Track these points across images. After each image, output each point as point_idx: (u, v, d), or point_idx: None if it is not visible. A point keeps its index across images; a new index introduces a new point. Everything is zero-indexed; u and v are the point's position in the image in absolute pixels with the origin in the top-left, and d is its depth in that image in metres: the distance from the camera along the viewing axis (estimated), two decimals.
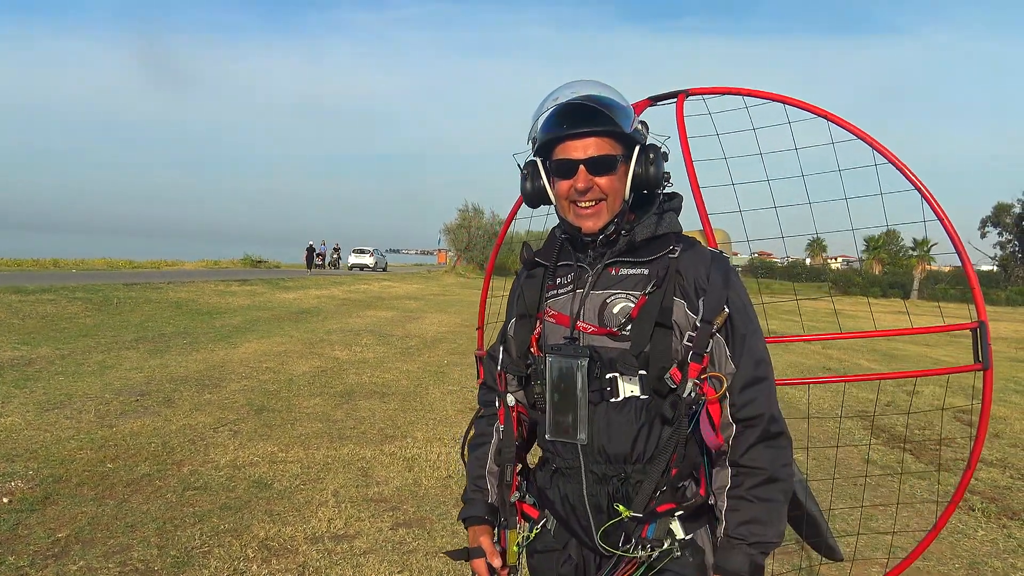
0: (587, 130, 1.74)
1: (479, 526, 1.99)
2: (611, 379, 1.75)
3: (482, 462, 2.05)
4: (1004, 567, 4.66)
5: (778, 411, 1.74)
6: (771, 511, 1.69)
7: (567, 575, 1.88)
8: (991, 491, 6.28)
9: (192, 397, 8.10)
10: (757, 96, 2.90)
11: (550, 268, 1.92)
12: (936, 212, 2.72)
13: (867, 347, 18.11)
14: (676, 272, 1.75)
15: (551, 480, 1.90)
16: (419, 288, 34.95)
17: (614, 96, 1.80)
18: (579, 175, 1.75)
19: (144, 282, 21.02)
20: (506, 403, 1.96)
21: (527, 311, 1.92)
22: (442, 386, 9.81)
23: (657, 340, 1.73)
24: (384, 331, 15.75)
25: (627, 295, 1.77)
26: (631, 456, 1.75)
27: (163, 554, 4.17)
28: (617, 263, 1.82)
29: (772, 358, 1.82)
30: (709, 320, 1.71)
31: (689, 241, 1.84)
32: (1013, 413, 10.14)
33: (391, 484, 5.60)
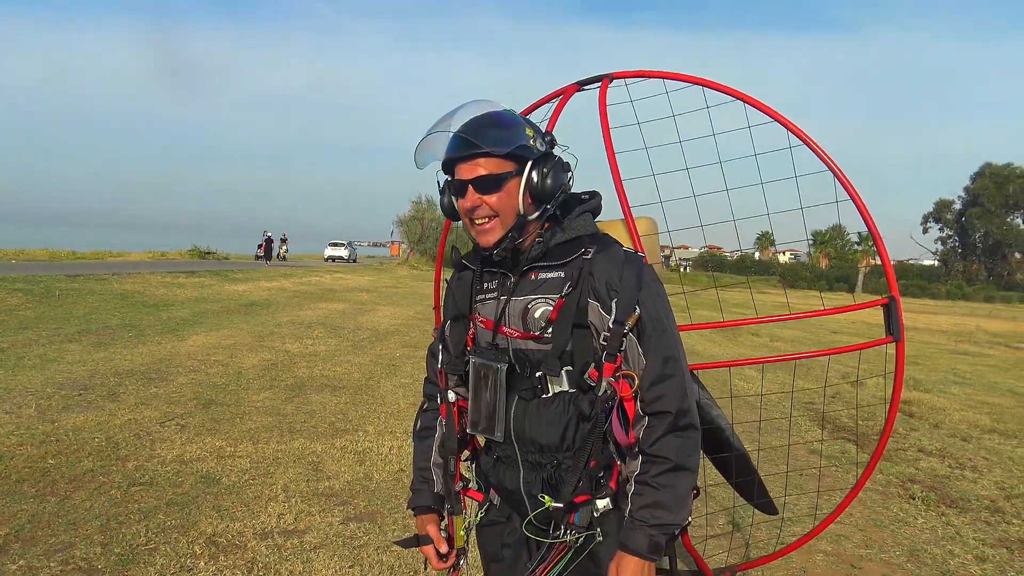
0: (470, 152, 1.83)
1: (426, 515, 2.14)
2: (540, 377, 1.90)
3: (427, 454, 2.17)
4: (943, 554, 4.81)
5: (688, 404, 1.82)
6: (674, 496, 1.79)
7: (511, 544, 2.06)
8: (931, 480, 6.48)
9: (138, 391, 7.93)
10: (677, 79, 2.92)
11: (477, 272, 2.03)
12: (848, 191, 2.76)
13: (813, 340, 18.51)
14: (589, 274, 1.85)
15: (493, 466, 2.06)
16: (371, 280, 34.69)
17: (505, 115, 1.89)
18: (468, 195, 1.85)
19: (88, 273, 20.49)
20: (447, 399, 2.09)
21: (459, 312, 2.04)
22: (394, 379, 9.76)
23: (578, 339, 1.85)
24: (336, 324, 15.61)
25: (546, 299, 1.88)
26: (561, 446, 1.89)
27: (107, 552, 4.08)
28: (535, 268, 1.91)
29: (719, 350, 1.87)
30: (621, 321, 1.81)
31: (605, 241, 1.93)
32: (952, 404, 10.45)
33: (342, 478, 5.56)
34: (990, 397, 11.56)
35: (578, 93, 3.16)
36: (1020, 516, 5.61)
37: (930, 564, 4.65)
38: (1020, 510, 5.76)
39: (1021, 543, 5.08)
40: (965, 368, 15.46)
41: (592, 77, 3.10)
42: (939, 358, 16.97)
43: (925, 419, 9.21)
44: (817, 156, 2.77)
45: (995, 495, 6.13)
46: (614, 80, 3.04)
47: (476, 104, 1.92)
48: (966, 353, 18.90)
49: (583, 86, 3.13)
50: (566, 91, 3.16)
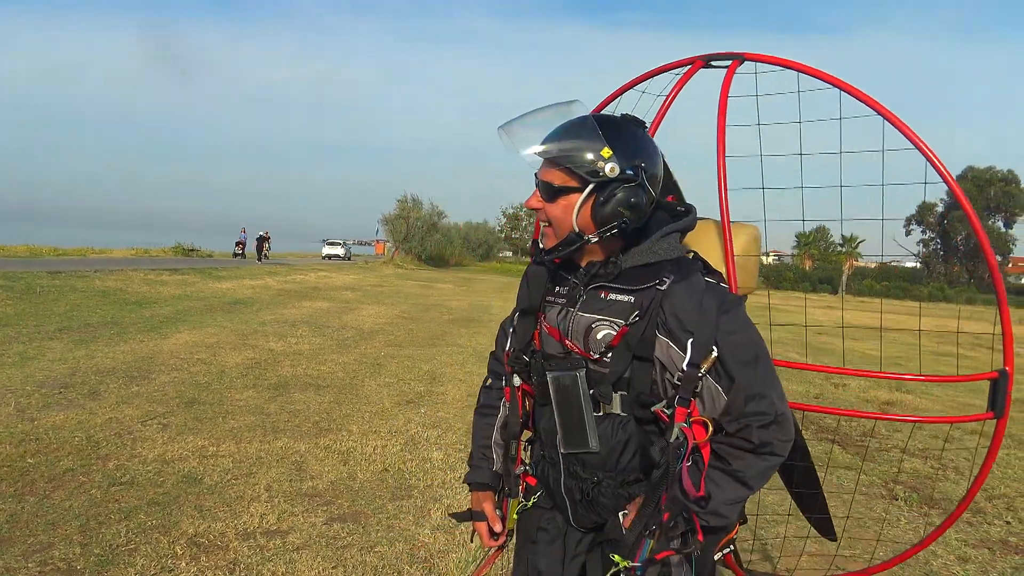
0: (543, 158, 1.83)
1: (483, 492, 2.17)
2: (594, 394, 1.85)
3: (488, 432, 2.19)
4: (926, 554, 4.83)
5: (774, 439, 1.72)
6: (715, 493, 1.73)
7: (548, 529, 2.05)
8: (913, 480, 6.51)
9: (119, 389, 7.85)
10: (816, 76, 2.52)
11: (551, 270, 2.00)
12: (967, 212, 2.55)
13: (796, 341, 18.56)
14: (659, 306, 1.76)
15: (539, 462, 2.08)
16: (356, 279, 34.57)
17: (580, 131, 1.79)
18: (533, 195, 1.87)
19: (69, 270, 20.31)
20: (512, 383, 2.05)
21: (529, 307, 2.01)
22: (378, 378, 9.72)
23: (637, 369, 1.79)
24: (320, 322, 15.53)
25: (611, 323, 1.82)
26: (605, 465, 1.88)
27: (86, 552, 4.03)
28: (605, 288, 1.86)
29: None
30: (696, 363, 1.72)
31: (686, 270, 1.82)
32: (935, 405, 10.55)
33: (325, 478, 5.52)
34: (972, 399, 11.64)
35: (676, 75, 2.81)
36: (1001, 516, 5.66)
37: (913, 564, 4.66)
38: (1002, 510, 5.80)
39: (1002, 544, 5.11)
40: (947, 369, 15.55)
41: (721, 53, 2.70)
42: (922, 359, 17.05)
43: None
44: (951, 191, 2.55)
45: (977, 496, 6.15)
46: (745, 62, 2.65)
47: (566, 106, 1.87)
48: (948, 355, 18.99)
49: (710, 62, 2.74)
50: (692, 64, 2.77)
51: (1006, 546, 5.08)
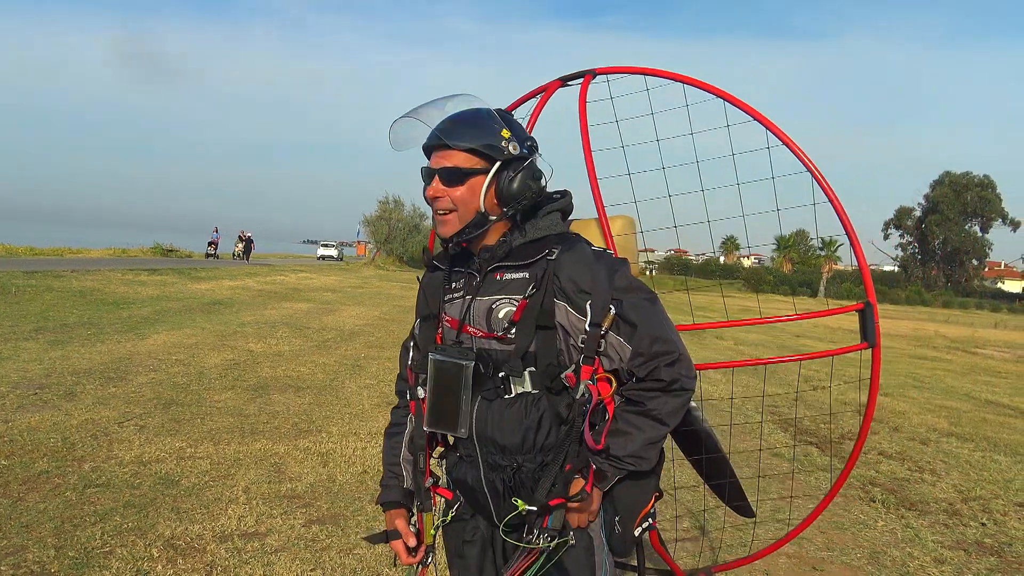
0: (441, 142, 1.86)
1: (395, 510, 2.13)
2: (503, 377, 1.89)
3: (396, 450, 2.17)
4: (902, 556, 4.87)
5: (682, 374, 1.83)
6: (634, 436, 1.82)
7: (473, 542, 2.07)
8: (891, 483, 6.56)
9: (95, 390, 7.77)
10: (659, 75, 2.92)
11: (445, 272, 2.05)
12: (827, 193, 2.77)
13: (776, 344, 18.72)
14: (554, 275, 1.85)
15: (457, 464, 2.07)
16: (337, 280, 34.44)
17: (483, 114, 1.92)
18: (433, 184, 1.88)
19: (45, 270, 20.07)
20: (416, 396, 2.07)
21: (429, 312, 2.05)
22: (359, 380, 9.68)
23: (541, 340, 1.85)
24: (300, 323, 15.45)
25: (510, 299, 1.89)
26: (521, 447, 1.90)
27: (60, 555, 3.98)
28: (500, 268, 1.92)
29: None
30: (598, 323, 1.81)
31: (571, 241, 1.93)
32: (911, 408, 10.63)
33: (305, 480, 5.48)
34: (948, 401, 11.77)
35: (562, 90, 3.14)
36: (977, 518, 5.71)
37: (890, 566, 4.70)
38: (977, 512, 5.86)
39: (978, 545, 5.16)
40: (924, 372, 15.72)
41: (575, 73, 3.09)
42: (899, 362, 17.24)
43: (885, 422, 9.35)
44: (797, 157, 2.77)
45: (953, 498, 6.23)
46: (597, 76, 3.03)
47: (462, 98, 1.95)
48: (925, 358, 19.22)
49: (566, 82, 3.12)
50: (549, 87, 3.14)
51: (981, 547, 5.13)
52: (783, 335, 21.03)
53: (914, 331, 30.05)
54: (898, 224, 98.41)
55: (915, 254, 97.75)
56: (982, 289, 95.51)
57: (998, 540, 5.29)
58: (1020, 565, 4.87)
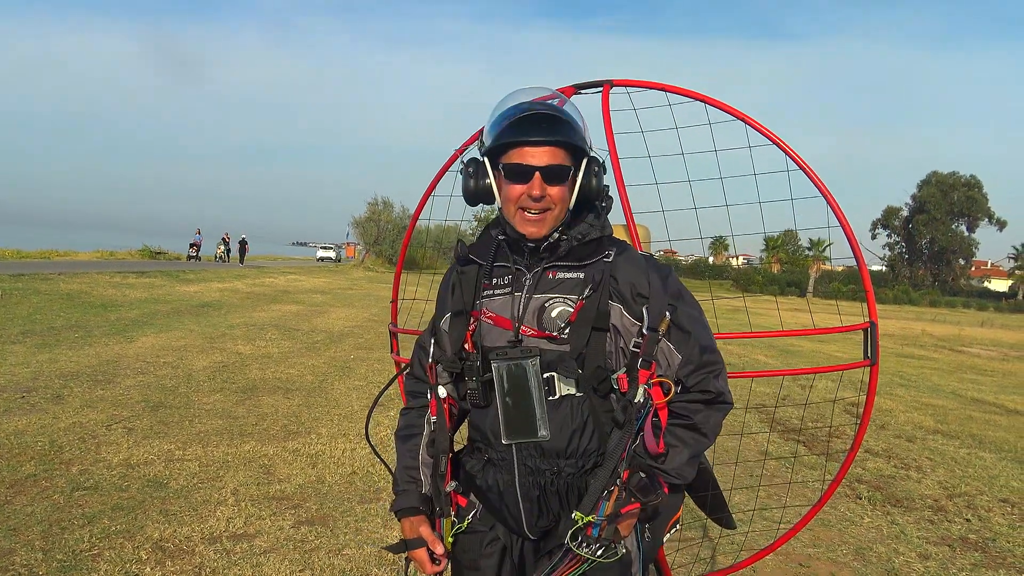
0: (548, 139, 1.79)
1: (415, 516, 2.01)
2: (548, 378, 1.82)
3: (414, 453, 2.06)
4: (888, 552, 4.91)
5: (725, 388, 1.86)
6: (681, 450, 1.82)
7: (490, 554, 1.96)
8: (876, 480, 6.61)
9: (83, 393, 7.74)
10: (680, 93, 2.94)
11: (485, 267, 1.95)
12: (839, 219, 2.88)
13: (764, 344, 18.78)
14: (611, 277, 1.83)
15: (482, 469, 1.96)
16: (326, 282, 34.36)
17: (571, 110, 1.88)
18: (534, 182, 1.80)
19: (33, 272, 19.97)
20: (438, 395, 1.99)
21: (463, 308, 1.95)
22: (348, 381, 9.68)
23: (593, 341, 1.81)
24: (289, 325, 15.42)
25: (564, 299, 1.84)
26: (565, 451, 1.84)
27: (48, 558, 3.97)
28: (554, 267, 1.88)
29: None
30: (655, 328, 1.79)
31: (621, 244, 1.94)
32: (898, 406, 10.70)
33: (293, 481, 5.49)
34: (934, 399, 11.86)
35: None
36: (962, 515, 5.76)
37: (876, 562, 4.74)
38: (962, 508, 5.91)
39: (963, 541, 5.21)
40: (911, 371, 15.82)
41: (591, 82, 3.10)
42: (886, 361, 17.34)
43: (872, 420, 9.40)
44: (813, 183, 2.85)
45: (938, 494, 6.28)
46: (615, 87, 3.05)
47: (544, 90, 1.91)
48: (912, 356, 19.35)
49: (580, 90, 3.13)
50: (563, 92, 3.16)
51: (966, 543, 5.18)
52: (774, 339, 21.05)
53: (901, 330, 30.21)
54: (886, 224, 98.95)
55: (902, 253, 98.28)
56: (969, 288, 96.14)
57: (982, 536, 5.34)
58: (1004, 560, 4.92)
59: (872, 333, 2.93)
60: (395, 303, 3.96)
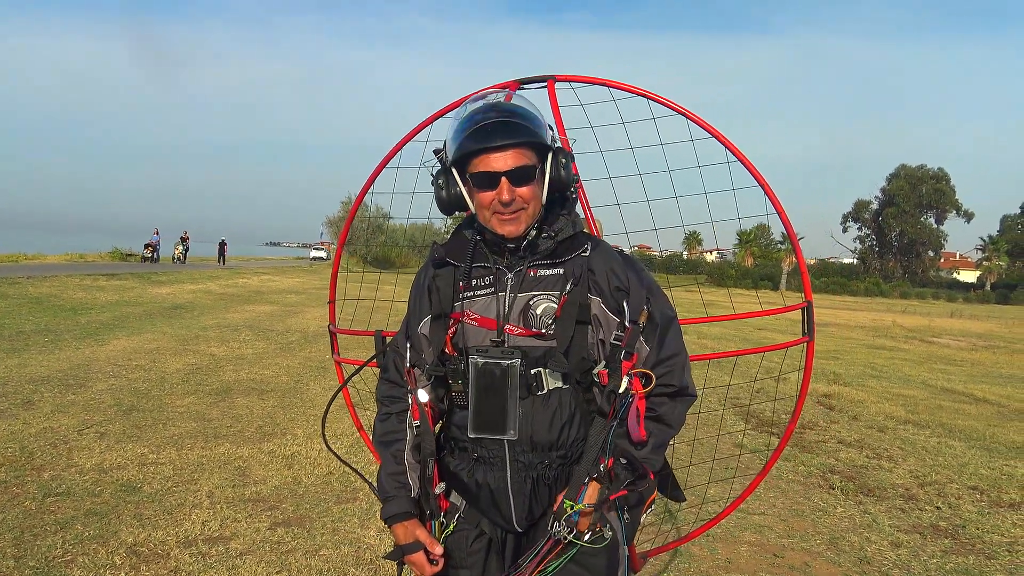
0: (507, 143, 1.81)
1: (409, 521, 2.00)
2: (536, 374, 1.86)
3: (399, 458, 2.04)
4: (860, 541, 4.98)
5: (688, 380, 1.93)
6: (648, 440, 1.86)
7: (477, 551, 1.99)
8: (849, 470, 6.70)
9: (54, 398, 7.65)
10: (623, 89, 2.99)
11: (463, 269, 1.96)
12: (775, 206, 3.00)
13: (740, 337, 18.94)
14: (589, 270, 1.89)
15: (471, 468, 1.97)
16: (300, 282, 34.19)
17: (529, 107, 1.91)
18: (502, 187, 1.83)
19: (0, 276, 19.68)
20: (418, 399, 1.98)
21: (442, 310, 1.95)
22: (323, 382, 9.64)
23: (577, 335, 1.86)
24: (263, 326, 15.33)
25: (548, 296, 1.88)
26: (556, 444, 1.89)
27: (20, 565, 3.92)
28: (534, 265, 1.91)
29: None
30: (636, 320, 1.86)
31: (595, 239, 1.98)
32: (870, 397, 10.84)
33: (269, 483, 5.46)
34: (905, 389, 12.02)
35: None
36: (932, 502, 5.85)
37: (848, 551, 4.80)
38: (932, 496, 6.00)
39: (933, 528, 5.30)
40: (882, 362, 16.03)
41: (535, 77, 3.11)
42: (857, 353, 17.57)
43: (844, 411, 9.54)
44: (751, 173, 2.94)
45: (909, 483, 6.38)
46: (558, 83, 3.07)
47: (492, 94, 1.96)
48: (883, 348, 19.58)
49: (524, 84, 3.14)
50: (507, 87, 3.13)
51: (936, 530, 5.26)
52: (745, 328, 21.28)
53: (872, 322, 30.58)
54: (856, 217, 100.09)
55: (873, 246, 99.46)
56: (938, 280, 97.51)
57: (952, 523, 5.43)
58: (974, 546, 5.00)
59: (809, 311, 3.10)
60: (332, 304, 4.00)
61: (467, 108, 1.91)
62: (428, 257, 2.06)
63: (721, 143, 2.92)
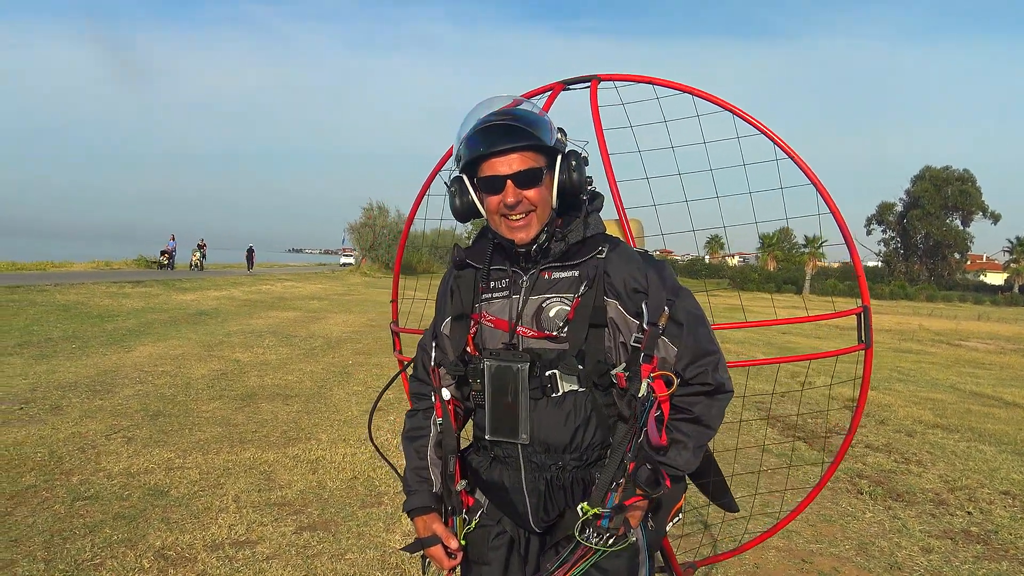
0: (510, 146, 1.81)
1: (428, 515, 2.05)
2: (550, 376, 1.85)
3: (422, 453, 2.10)
4: (890, 546, 4.92)
5: (725, 378, 1.89)
6: (686, 444, 1.85)
7: (498, 547, 2.00)
8: (877, 475, 6.62)
9: (82, 404, 7.73)
10: (668, 86, 2.95)
11: (482, 271, 1.99)
12: (829, 205, 2.89)
13: (763, 341, 18.79)
14: (604, 273, 1.86)
15: (489, 466, 2.00)
16: (323, 288, 34.36)
17: (532, 110, 1.90)
18: (507, 190, 1.82)
19: (28, 284, 19.95)
20: (442, 397, 2.01)
21: (463, 311, 1.98)
22: (347, 387, 9.67)
23: (592, 337, 1.84)
24: (287, 332, 15.41)
25: (561, 298, 1.87)
26: (570, 446, 1.88)
27: (50, 568, 3.96)
28: (548, 267, 1.90)
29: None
30: (655, 322, 1.82)
31: (614, 241, 1.95)
32: (897, 401, 10.71)
33: (295, 487, 5.48)
34: (933, 393, 11.87)
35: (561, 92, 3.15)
36: (963, 507, 5.77)
37: (878, 557, 4.74)
38: (963, 501, 5.92)
39: (965, 534, 5.22)
40: (909, 366, 15.84)
41: (579, 77, 3.10)
42: (884, 356, 17.37)
43: (871, 416, 9.43)
44: (802, 171, 2.86)
45: (939, 488, 6.29)
46: (603, 82, 3.05)
47: (502, 100, 1.93)
48: (909, 351, 19.36)
49: (568, 86, 3.13)
50: (552, 88, 3.15)
51: (968, 536, 5.18)
52: (769, 332, 21.11)
53: (898, 325, 30.25)
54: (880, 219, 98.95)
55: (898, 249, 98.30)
56: (964, 282, 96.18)
57: (984, 528, 5.35)
58: (1007, 552, 4.92)
59: (865, 317, 2.97)
60: (395, 302, 3.97)
61: (473, 114, 1.91)
62: (449, 259, 2.09)
63: (771, 140, 2.86)
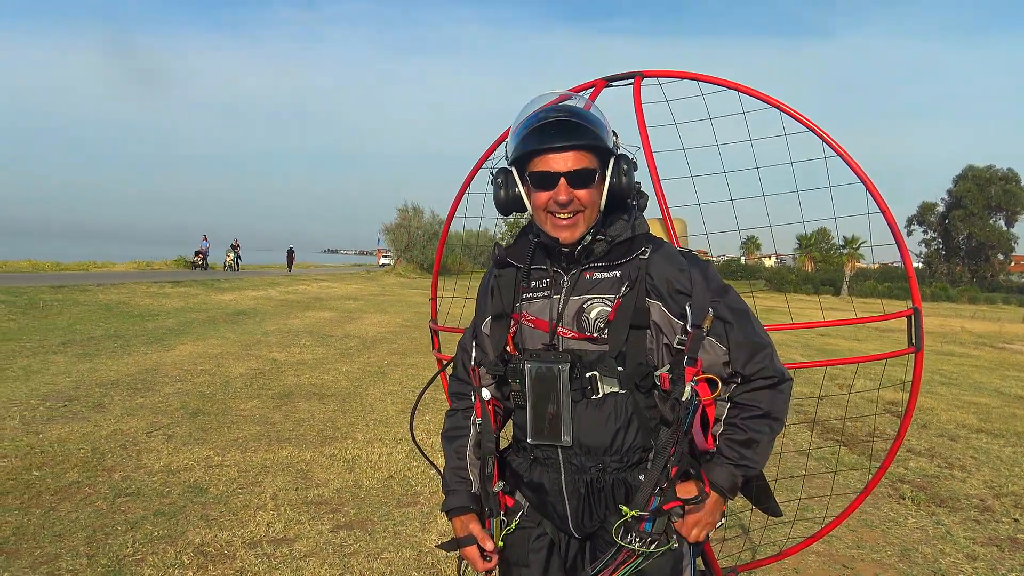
0: (569, 143, 1.78)
1: (466, 515, 2.04)
2: (591, 378, 1.83)
3: (461, 454, 2.09)
4: (934, 553, 4.81)
5: (783, 369, 1.89)
6: (760, 441, 1.84)
7: (539, 549, 1.99)
8: (920, 480, 6.49)
9: (123, 401, 7.86)
10: (713, 82, 2.90)
11: (523, 270, 1.97)
12: (880, 204, 2.83)
13: (800, 343, 18.54)
14: (647, 274, 1.83)
15: (529, 468, 1.98)
16: (359, 288, 34.60)
17: (594, 111, 1.87)
18: (560, 188, 1.79)
19: (72, 284, 20.34)
20: (482, 397, 2.00)
21: (503, 311, 1.96)
22: (382, 386, 9.72)
23: (633, 339, 1.81)
24: (323, 332, 15.54)
25: (602, 299, 1.84)
26: (610, 448, 1.85)
27: (93, 563, 4.03)
28: (590, 268, 1.88)
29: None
30: (698, 324, 1.79)
31: (657, 241, 1.92)
32: (939, 404, 10.50)
33: (331, 486, 5.51)
34: (976, 397, 11.61)
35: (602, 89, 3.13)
36: (1009, 514, 5.63)
37: (921, 563, 4.65)
38: (1009, 508, 5.77)
39: (1011, 541, 5.09)
40: (951, 369, 15.53)
41: (622, 74, 3.07)
42: (925, 359, 16.98)
43: (914, 420, 9.23)
44: (851, 169, 2.81)
45: (984, 494, 6.15)
46: (646, 79, 3.02)
47: (563, 96, 1.90)
48: (952, 354, 18.97)
49: (611, 82, 3.10)
50: (595, 85, 3.12)
51: (1015, 543, 5.06)
52: (807, 334, 20.82)
53: (940, 327, 29.68)
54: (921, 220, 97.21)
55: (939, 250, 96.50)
56: (1008, 284, 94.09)
57: None
58: None
59: (916, 319, 2.90)
60: (434, 300, 3.96)
61: (530, 107, 1.88)
62: (490, 257, 2.07)
63: (820, 137, 2.80)
